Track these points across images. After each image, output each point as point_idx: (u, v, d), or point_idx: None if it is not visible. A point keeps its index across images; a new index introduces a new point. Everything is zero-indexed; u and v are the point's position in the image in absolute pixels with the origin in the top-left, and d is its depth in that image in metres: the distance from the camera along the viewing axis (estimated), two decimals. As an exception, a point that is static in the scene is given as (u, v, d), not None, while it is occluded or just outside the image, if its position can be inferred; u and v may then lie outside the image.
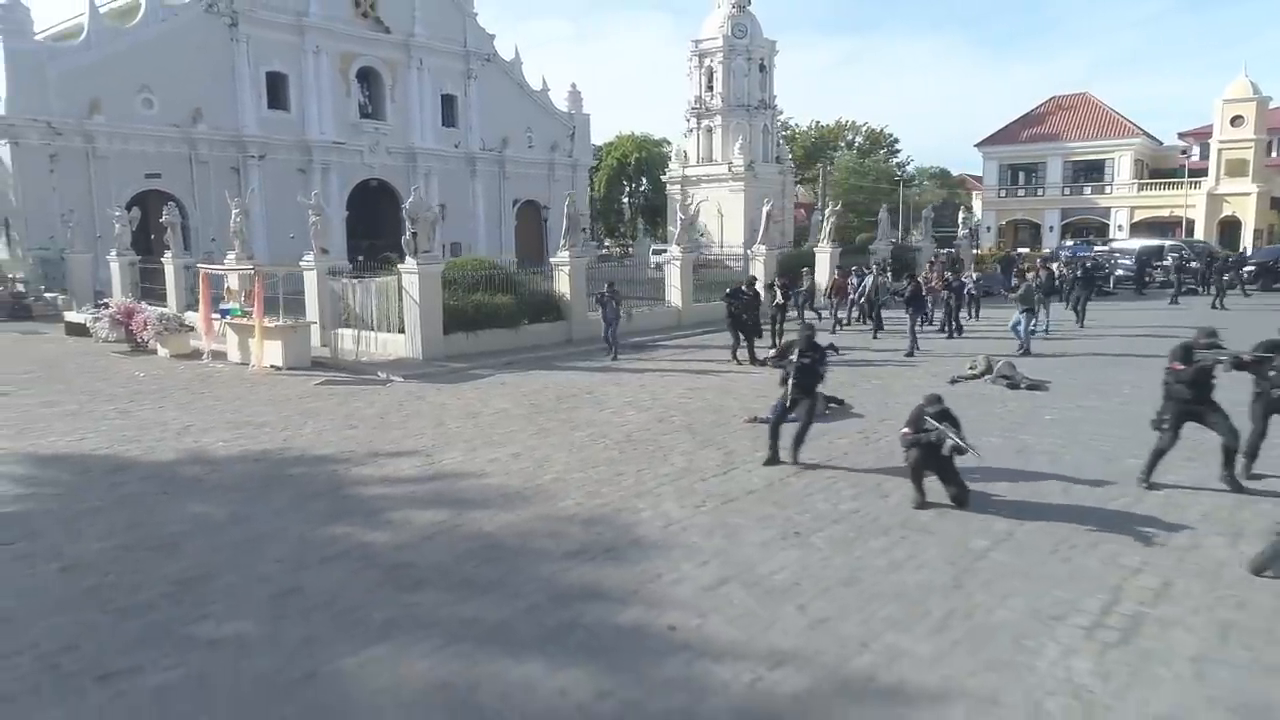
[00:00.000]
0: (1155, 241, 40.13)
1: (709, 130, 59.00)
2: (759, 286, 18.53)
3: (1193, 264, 30.48)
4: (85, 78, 32.10)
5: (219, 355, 18.39)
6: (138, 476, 9.44)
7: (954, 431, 7.56)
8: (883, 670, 5.08)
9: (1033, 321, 17.16)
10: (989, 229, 65.94)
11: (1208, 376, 7.86)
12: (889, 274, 21.65)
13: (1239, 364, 7.82)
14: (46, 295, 28.68)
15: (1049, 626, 5.56)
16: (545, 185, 49.65)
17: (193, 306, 21.35)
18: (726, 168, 57.00)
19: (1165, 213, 56.98)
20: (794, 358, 9.18)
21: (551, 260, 21.43)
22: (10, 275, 29.76)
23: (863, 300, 20.19)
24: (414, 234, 17.36)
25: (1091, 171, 61.56)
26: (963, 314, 20.31)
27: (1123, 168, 59.92)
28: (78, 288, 27.57)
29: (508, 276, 20.39)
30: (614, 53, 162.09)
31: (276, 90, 37.98)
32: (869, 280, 19.48)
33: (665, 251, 28.32)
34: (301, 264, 19.39)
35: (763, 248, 27.09)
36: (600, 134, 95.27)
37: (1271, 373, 8.02)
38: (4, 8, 30.41)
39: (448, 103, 44.72)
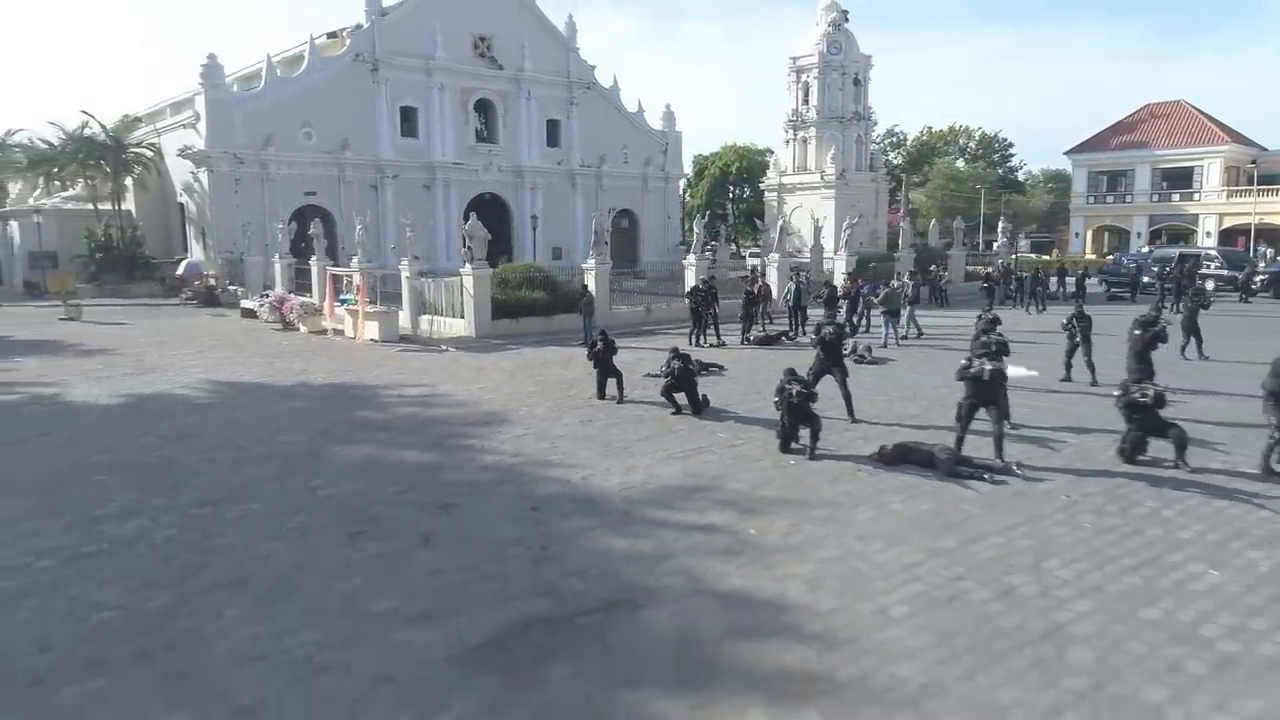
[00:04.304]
0: (1194, 249, 42.66)
1: (804, 141, 63.64)
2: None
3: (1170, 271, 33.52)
4: (262, 117, 41.31)
5: (339, 332, 25.93)
6: (269, 392, 16.62)
7: (684, 363, 13.53)
8: (559, 459, 11.24)
9: (896, 321, 22.05)
10: (1077, 235, 67.79)
11: (831, 341, 13.36)
12: (808, 280, 26.75)
13: (840, 336, 13.43)
14: (230, 288, 37.84)
15: (650, 455, 11.49)
16: (639, 196, 56.31)
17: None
18: (819, 176, 61.63)
19: (1256, 220, 57.63)
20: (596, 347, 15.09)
21: (583, 265, 27.95)
22: (206, 273, 39.22)
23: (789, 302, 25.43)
24: (469, 248, 24.27)
25: (1180, 179, 62.48)
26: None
27: (1212, 175, 60.67)
28: (252, 283, 36.41)
29: (547, 278, 27.08)
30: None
31: (408, 120, 46.36)
32: (792, 285, 24.75)
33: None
34: (399, 268, 26.75)
35: (777, 255, 32.70)
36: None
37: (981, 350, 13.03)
38: (205, 68, 39.91)
39: (552, 126, 52.11)
